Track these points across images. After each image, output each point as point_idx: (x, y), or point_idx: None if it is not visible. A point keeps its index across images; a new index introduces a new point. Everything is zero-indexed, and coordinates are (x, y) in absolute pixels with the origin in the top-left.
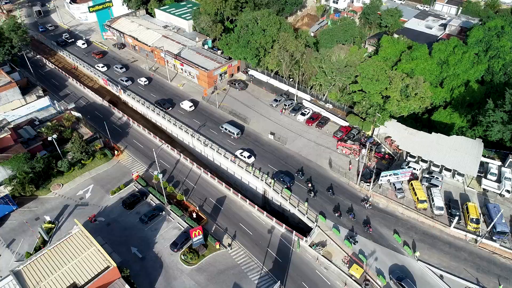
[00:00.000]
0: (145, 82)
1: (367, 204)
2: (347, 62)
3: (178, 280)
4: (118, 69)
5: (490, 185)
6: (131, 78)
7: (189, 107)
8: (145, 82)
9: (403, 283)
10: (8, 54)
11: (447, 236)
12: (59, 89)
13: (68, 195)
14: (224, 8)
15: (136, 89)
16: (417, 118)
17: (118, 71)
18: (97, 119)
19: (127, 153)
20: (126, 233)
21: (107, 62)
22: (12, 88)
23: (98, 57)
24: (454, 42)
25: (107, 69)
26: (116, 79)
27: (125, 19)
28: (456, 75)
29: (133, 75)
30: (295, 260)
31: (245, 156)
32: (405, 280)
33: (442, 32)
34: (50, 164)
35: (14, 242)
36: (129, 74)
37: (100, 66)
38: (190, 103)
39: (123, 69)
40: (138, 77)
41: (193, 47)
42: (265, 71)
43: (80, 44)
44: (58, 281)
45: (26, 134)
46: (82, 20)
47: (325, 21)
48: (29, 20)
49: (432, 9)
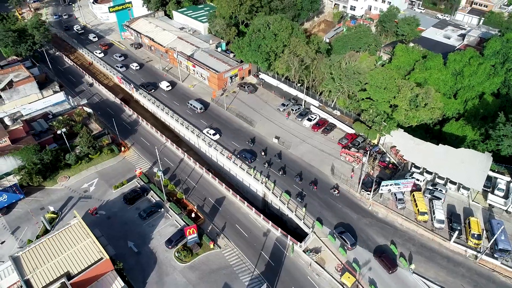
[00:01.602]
0: (137, 67)
1: (335, 192)
2: (356, 69)
3: (170, 276)
4: (117, 57)
5: (497, 201)
6: (126, 65)
7: (166, 86)
8: (136, 67)
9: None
10: (30, 50)
11: (446, 250)
12: (75, 85)
13: (73, 188)
14: (239, 12)
15: (128, 73)
16: (428, 129)
17: (117, 59)
18: (108, 115)
19: (134, 150)
20: (125, 227)
21: (125, 62)
22: (30, 83)
23: (104, 48)
24: (470, 53)
25: (125, 69)
26: (113, 65)
27: (143, 20)
28: (470, 86)
29: (146, 74)
30: (288, 264)
31: (211, 134)
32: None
33: (460, 43)
34: (59, 157)
35: (19, 230)
36: (142, 73)
37: (119, 66)
38: (167, 83)
39: (121, 58)
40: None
41: (206, 49)
42: (275, 76)
43: (91, 37)
44: (53, 268)
45: (38, 127)
46: (103, 20)
47: (341, 28)
48: (55, 18)
49: (453, 19)
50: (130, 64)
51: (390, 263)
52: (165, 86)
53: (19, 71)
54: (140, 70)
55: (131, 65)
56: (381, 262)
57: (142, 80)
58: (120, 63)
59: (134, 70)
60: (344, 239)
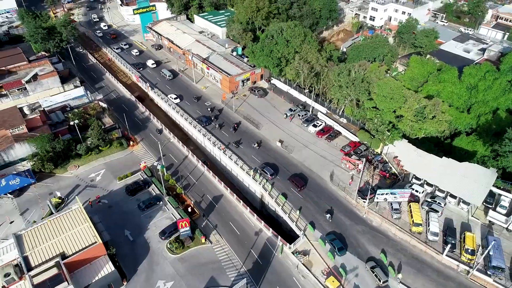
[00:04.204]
0: (153, 65)
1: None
2: (364, 77)
3: (160, 266)
4: (134, 53)
5: (497, 218)
6: (144, 64)
7: (151, 64)
8: (152, 65)
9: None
10: (58, 46)
11: (438, 264)
12: (95, 82)
13: (82, 176)
14: (256, 17)
15: (145, 72)
16: (439, 142)
17: (133, 55)
18: (122, 111)
19: (142, 145)
20: (124, 216)
21: (141, 60)
22: (53, 77)
23: (112, 37)
24: (486, 67)
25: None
26: (130, 62)
27: (165, 22)
28: (485, 101)
29: (177, 86)
30: (275, 264)
31: (172, 98)
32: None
33: (480, 57)
34: (70, 147)
35: (27, 211)
36: (174, 85)
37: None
38: (153, 61)
39: (136, 52)
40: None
41: (221, 52)
42: (286, 81)
43: (102, 25)
44: (50, 248)
45: (55, 118)
46: (129, 21)
47: (359, 37)
48: (85, 18)
49: (476, 33)
50: (146, 62)
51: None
52: (151, 64)
53: (45, 65)
54: (156, 68)
55: (146, 62)
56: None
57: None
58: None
59: (150, 67)
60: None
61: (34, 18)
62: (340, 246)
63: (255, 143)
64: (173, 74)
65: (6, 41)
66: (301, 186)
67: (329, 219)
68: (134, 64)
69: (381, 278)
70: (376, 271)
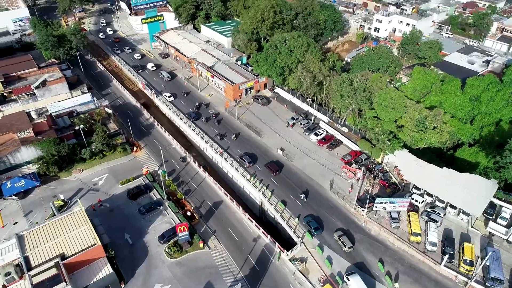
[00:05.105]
0: (153, 67)
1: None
2: (365, 87)
3: (158, 269)
4: (136, 57)
5: (498, 229)
6: (144, 66)
7: (151, 67)
8: (152, 68)
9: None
10: (67, 54)
11: (436, 274)
12: (102, 88)
13: (85, 180)
14: (261, 28)
15: (144, 73)
16: (441, 153)
17: (135, 58)
18: (127, 117)
19: (145, 150)
20: (124, 220)
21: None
22: (62, 83)
23: (115, 41)
24: (489, 79)
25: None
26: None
27: (173, 32)
28: (488, 113)
29: (174, 86)
30: (272, 271)
31: (167, 96)
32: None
33: (484, 69)
34: (75, 151)
35: (31, 213)
36: (170, 85)
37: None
38: (152, 64)
39: (138, 56)
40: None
41: (226, 61)
42: (290, 90)
43: (107, 30)
44: (51, 249)
45: (62, 123)
46: (137, 31)
47: (363, 48)
48: (95, 27)
49: (481, 45)
50: (146, 65)
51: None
52: (150, 66)
53: (54, 72)
54: (156, 70)
55: (147, 65)
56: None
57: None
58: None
59: (150, 70)
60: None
61: (45, 27)
62: (316, 226)
63: (233, 135)
64: (171, 76)
65: (18, 48)
66: (275, 171)
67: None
68: (135, 66)
69: (346, 245)
70: (342, 239)
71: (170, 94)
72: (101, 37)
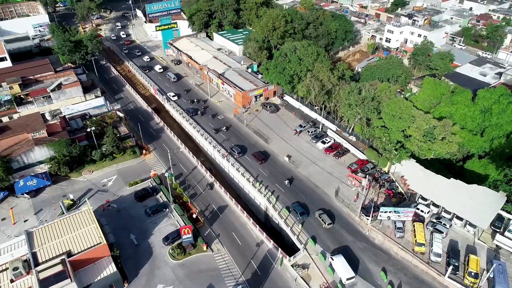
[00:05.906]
0: (160, 69)
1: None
2: (374, 96)
3: (161, 270)
4: (145, 59)
5: (505, 242)
6: (151, 67)
7: (158, 69)
8: (160, 69)
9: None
10: (83, 58)
11: (439, 285)
12: (116, 93)
13: (94, 181)
14: (272, 36)
15: (151, 74)
16: (450, 164)
17: (144, 61)
18: (138, 121)
19: (154, 154)
20: (130, 221)
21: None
22: (76, 87)
23: (126, 43)
24: (501, 91)
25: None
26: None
27: (186, 39)
28: (499, 125)
29: (179, 87)
30: (274, 276)
31: (171, 95)
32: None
33: (496, 81)
34: (86, 152)
35: (41, 211)
36: (176, 86)
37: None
38: (160, 66)
39: (147, 59)
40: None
41: (237, 69)
42: (299, 98)
43: (121, 33)
44: (58, 246)
45: (75, 125)
46: (152, 38)
47: (374, 58)
48: (111, 34)
49: (495, 57)
50: (154, 66)
51: None
52: (158, 68)
53: (69, 76)
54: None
55: (155, 67)
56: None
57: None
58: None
59: (157, 71)
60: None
61: (63, 32)
62: (302, 211)
63: (224, 127)
64: (177, 77)
65: (37, 52)
66: (261, 159)
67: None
68: (142, 67)
69: (326, 221)
70: (322, 217)
71: (174, 93)
72: (113, 38)
